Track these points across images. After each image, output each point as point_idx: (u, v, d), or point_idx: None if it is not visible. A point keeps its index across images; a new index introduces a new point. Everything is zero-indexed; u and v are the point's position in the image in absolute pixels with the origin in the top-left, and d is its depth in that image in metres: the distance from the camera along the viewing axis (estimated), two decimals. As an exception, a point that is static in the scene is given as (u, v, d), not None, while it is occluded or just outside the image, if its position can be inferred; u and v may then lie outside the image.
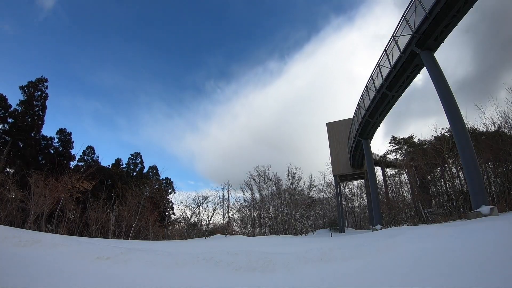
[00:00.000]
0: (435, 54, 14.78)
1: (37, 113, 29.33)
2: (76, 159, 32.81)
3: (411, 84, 18.33)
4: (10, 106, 27.59)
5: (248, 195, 37.19)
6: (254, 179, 37.07)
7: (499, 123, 19.56)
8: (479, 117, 26.50)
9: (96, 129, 66.11)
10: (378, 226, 21.48)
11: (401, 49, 16.13)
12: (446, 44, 14.46)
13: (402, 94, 19.25)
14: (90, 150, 35.28)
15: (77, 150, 34.89)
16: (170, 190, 38.12)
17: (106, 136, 73.78)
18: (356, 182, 43.06)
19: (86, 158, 34.60)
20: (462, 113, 13.65)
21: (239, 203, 36.81)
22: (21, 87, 29.17)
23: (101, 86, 54.00)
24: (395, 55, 17.00)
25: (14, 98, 33.35)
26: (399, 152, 35.36)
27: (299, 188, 36.97)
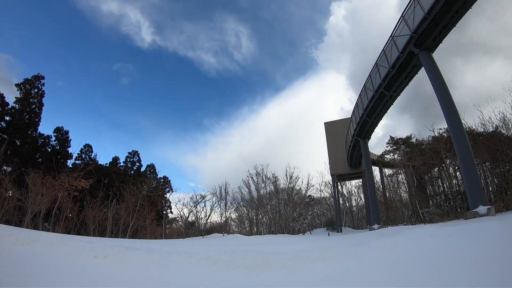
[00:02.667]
0: (433, 55, 14.82)
1: (34, 110, 29.19)
2: (74, 157, 32.71)
3: (409, 84, 18.38)
4: (7, 104, 27.45)
5: (246, 194, 37.22)
6: (252, 178, 37.09)
7: (497, 123, 19.63)
8: (477, 118, 26.60)
9: (106, 131, 69.68)
10: (376, 226, 21.51)
11: (400, 49, 16.14)
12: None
13: (400, 94, 19.30)
14: (87, 148, 35.15)
15: (74, 149, 34.84)
16: (167, 189, 38.07)
17: (106, 136, 75.47)
18: (353, 182, 43.22)
19: (83, 156, 34.48)
20: (460, 113, 13.69)
21: (236, 202, 36.80)
22: (18, 85, 29.02)
23: (122, 120, 72.13)
24: (393, 55, 17.01)
25: (11, 96, 33.32)
26: (397, 152, 35.40)
27: (297, 187, 37.03)
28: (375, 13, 75.93)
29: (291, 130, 78.48)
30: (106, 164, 35.96)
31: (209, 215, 32.48)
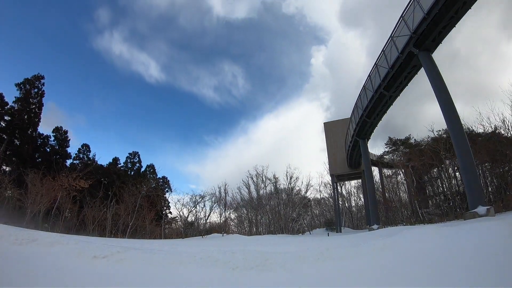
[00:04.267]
0: (433, 55, 14.83)
1: (33, 110, 29.18)
2: (72, 157, 32.72)
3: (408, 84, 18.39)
4: (7, 104, 27.44)
5: (245, 194, 37.23)
6: (252, 178, 37.11)
7: (496, 124, 19.65)
8: (477, 118, 26.62)
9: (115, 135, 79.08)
10: (375, 226, 21.51)
11: (399, 49, 16.14)
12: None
13: (400, 95, 19.30)
14: (85, 148, 35.15)
15: (73, 149, 34.99)
16: (167, 189, 38.06)
17: (105, 135, 77.39)
18: (353, 182, 43.18)
19: (82, 156, 34.49)
20: (460, 114, 13.69)
21: (236, 203, 36.79)
22: (17, 84, 29.00)
23: (131, 134, 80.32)
24: (393, 55, 17.00)
25: (10, 95, 33.32)
26: (396, 152, 35.40)
27: (297, 187, 37.06)
28: (348, 60, 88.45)
29: (284, 141, 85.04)
30: (106, 164, 35.99)
31: (209, 215, 32.51)
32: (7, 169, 25.17)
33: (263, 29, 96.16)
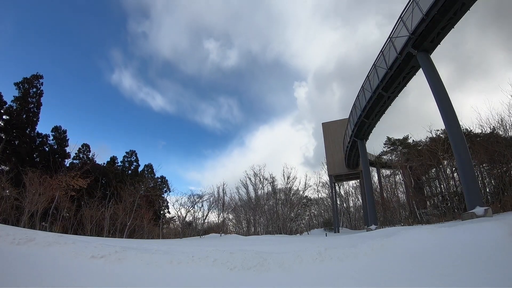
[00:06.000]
0: (431, 56, 14.85)
1: (32, 110, 29.12)
2: (71, 156, 32.65)
3: (406, 85, 18.42)
4: (5, 103, 27.37)
5: (243, 194, 37.23)
6: (249, 178, 37.11)
7: (494, 124, 19.68)
8: (475, 119, 26.69)
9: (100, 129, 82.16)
10: (373, 226, 21.55)
11: (398, 50, 16.16)
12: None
13: (398, 95, 19.34)
14: (85, 147, 35.09)
15: (72, 148, 34.83)
16: (165, 189, 38.01)
17: (104, 134, 79.04)
18: (351, 182, 43.28)
19: (81, 156, 34.41)
20: (457, 114, 13.71)
21: (234, 203, 36.78)
22: (16, 84, 28.93)
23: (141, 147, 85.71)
24: (391, 56, 17.03)
25: (9, 95, 33.24)
26: (394, 152, 35.44)
27: (294, 187, 37.07)
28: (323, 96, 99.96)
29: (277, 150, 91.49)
30: (104, 163, 35.90)
31: (207, 215, 32.49)
32: (5, 169, 25.07)
33: (251, 71, 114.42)
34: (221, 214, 33.74)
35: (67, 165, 30.06)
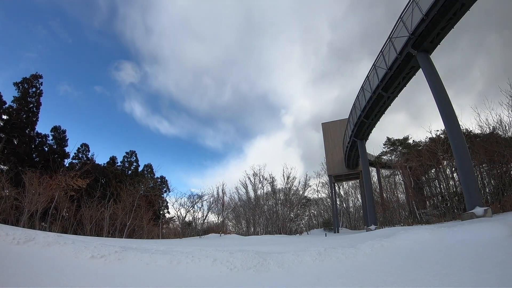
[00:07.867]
0: (431, 56, 14.86)
1: (31, 109, 29.09)
2: (71, 156, 32.62)
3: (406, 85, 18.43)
4: (5, 103, 27.34)
5: (243, 194, 37.22)
6: (249, 178, 37.10)
7: (494, 125, 19.68)
8: (474, 119, 26.67)
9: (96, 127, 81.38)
10: (373, 227, 21.56)
11: (397, 50, 16.16)
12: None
13: (398, 95, 19.34)
14: (84, 147, 35.06)
15: (71, 148, 34.84)
16: (165, 189, 37.99)
17: (104, 134, 78.87)
18: (351, 182, 43.26)
19: (80, 155, 34.38)
20: (457, 115, 13.72)
21: (233, 203, 36.77)
22: (16, 83, 28.90)
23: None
24: (391, 56, 17.04)
25: (9, 95, 33.22)
26: (394, 153, 35.41)
27: (294, 187, 37.05)
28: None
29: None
30: (104, 163, 35.85)
31: (206, 215, 32.49)
32: (4, 168, 25.04)
33: (244, 102, 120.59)
34: (221, 214, 33.77)
35: (67, 165, 30.08)
